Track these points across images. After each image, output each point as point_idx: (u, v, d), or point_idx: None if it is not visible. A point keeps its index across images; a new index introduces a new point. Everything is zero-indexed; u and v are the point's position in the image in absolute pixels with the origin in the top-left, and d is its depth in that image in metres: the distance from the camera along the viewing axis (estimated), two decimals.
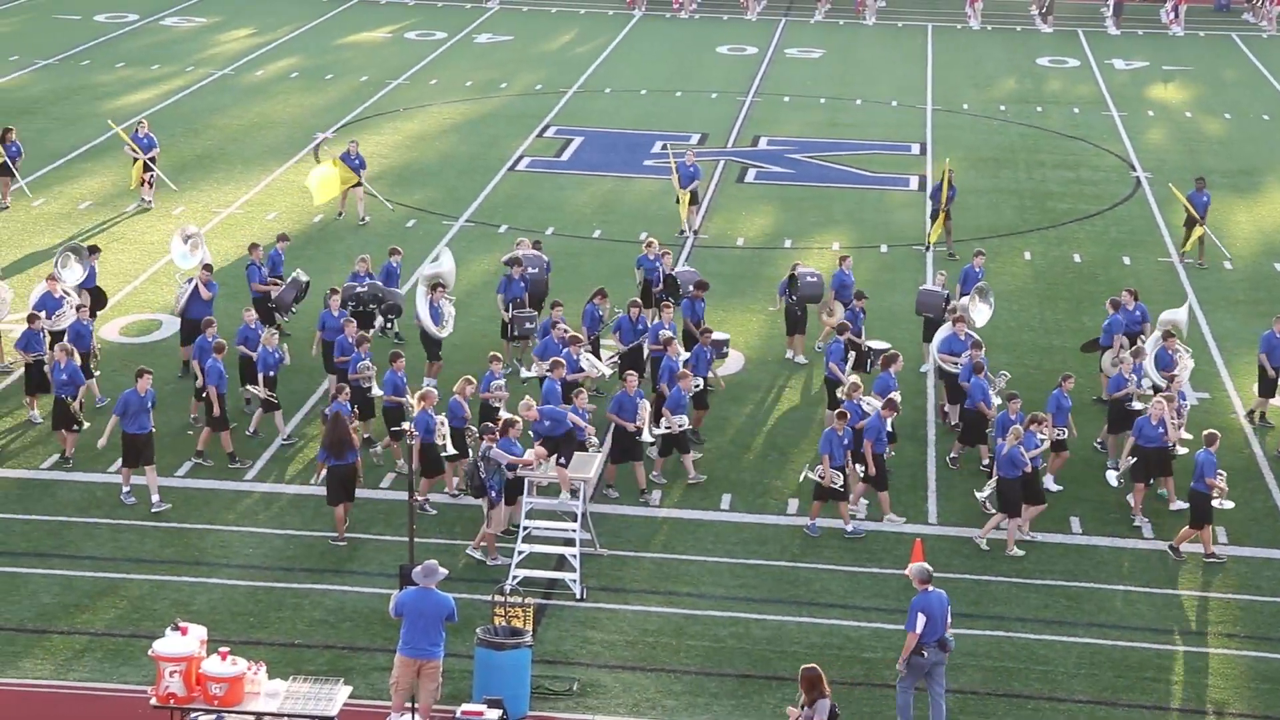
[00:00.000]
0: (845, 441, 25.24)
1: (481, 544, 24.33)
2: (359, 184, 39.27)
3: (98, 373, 29.46)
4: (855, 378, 27.33)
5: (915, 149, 48.03)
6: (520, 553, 23.70)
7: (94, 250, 32.32)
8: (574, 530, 23.87)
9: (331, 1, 67.50)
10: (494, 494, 23.90)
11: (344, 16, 65.26)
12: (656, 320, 29.66)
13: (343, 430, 24.68)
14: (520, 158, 46.03)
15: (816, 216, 41.43)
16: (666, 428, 26.66)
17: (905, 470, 27.64)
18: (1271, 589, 24.27)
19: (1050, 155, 47.55)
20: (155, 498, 25.55)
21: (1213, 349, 33.10)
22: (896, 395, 26.57)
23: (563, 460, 24.54)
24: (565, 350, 27.72)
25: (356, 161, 39.19)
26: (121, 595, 23.19)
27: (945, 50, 62.13)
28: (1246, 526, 25.99)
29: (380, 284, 31.20)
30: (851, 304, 30.59)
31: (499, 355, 27.52)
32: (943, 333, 29.11)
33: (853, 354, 29.01)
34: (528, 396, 25.76)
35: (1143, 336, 30.14)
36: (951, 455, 27.86)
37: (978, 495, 25.71)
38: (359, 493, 25.57)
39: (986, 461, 27.37)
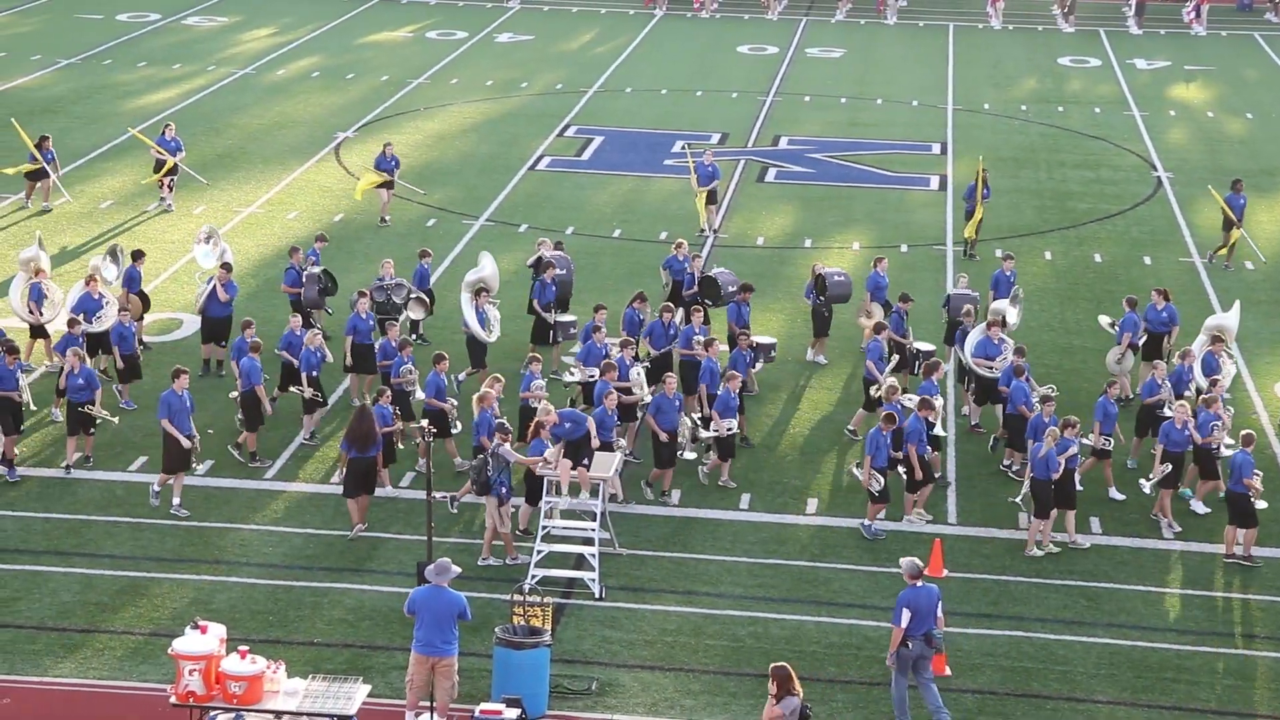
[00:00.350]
0: (888, 442, 25.18)
1: (495, 543, 24.24)
2: (390, 184, 39.27)
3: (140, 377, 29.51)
4: (894, 380, 27.21)
5: (936, 148, 47.97)
6: (539, 552, 23.70)
7: (139, 255, 32.21)
8: (593, 529, 23.87)
9: (353, 1, 67.60)
10: (504, 491, 23.84)
11: (365, 16, 65.36)
12: (687, 324, 29.56)
13: (368, 424, 24.79)
14: (540, 157, 46.05)
15: (836, 216, 41.39)
16: (715, 431, 26.59)
17: None
18: None
19: (1071, 155, 47.46)
20: (176, 500, 25.57)
21: (1234, 349, 33.00)
22: (938, 400, 26.46)
23: (585, 462, 24.52)
24: (619, 356, 27.51)
25: (392, 163, 39.21)
26: (141, 593, 23.25)
27: (966, 50, 62.03)
28: (1269, 527, 25.85)
29: (405, 282, 31.10)
30: (896, 306, 30.41)
31: (539, 356, 27.50)
32: (975, 336, 28.98)
33: (895, 357, 28.92)
34: (545, 401, 25.67)
35: (1169, 338, 30.05)
36: (1007, 463, 27.65)
37: (1014, 500, 25.61)
38: (381, 492, 25.65)
39: (1009, 462, 27.33)
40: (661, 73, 56.94)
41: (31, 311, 30.24)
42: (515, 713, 19.30)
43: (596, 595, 23.35)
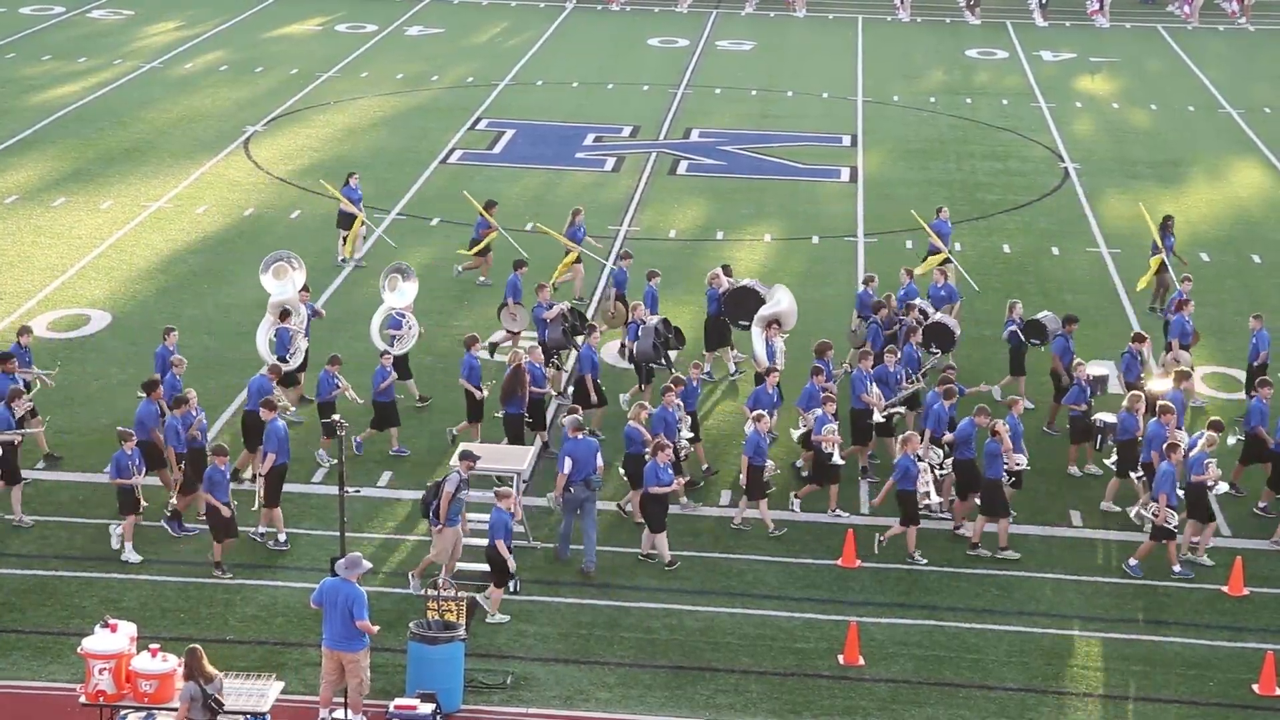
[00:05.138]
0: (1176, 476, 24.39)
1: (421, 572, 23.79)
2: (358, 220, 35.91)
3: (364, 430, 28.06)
4: (1137, 392, 26.70)
5: (846, 140, 48.21)
6: None
7: (520, 264, 31.34)
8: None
9: None
10: (434, 520, 23.15)
11: (274, 9, 64.89)
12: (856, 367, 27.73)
13: (519, 382, 26.42)
14: (452, 151, 45.91)
15: (748, 208, 41.51)
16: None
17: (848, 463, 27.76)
18: (1200, 577, 24.49)
19: (979, 146, 47.84)
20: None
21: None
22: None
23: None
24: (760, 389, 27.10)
25: (356, 194, 36.01)
26: (49, 593, 23.00)
27: (875, 42, 62.37)
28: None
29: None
30: (1059, 333, 29.48)
31: (833, 396, 26.55)
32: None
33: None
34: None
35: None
36: (1261, 505, 26.65)
37: (1139, 510, 25.12)
38: (294, 488, 25.49)
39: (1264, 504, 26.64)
40: (572, 66, 56.89)
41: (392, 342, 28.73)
42: (430, 707, 19.28)
43: (511, 589, 23.32)
